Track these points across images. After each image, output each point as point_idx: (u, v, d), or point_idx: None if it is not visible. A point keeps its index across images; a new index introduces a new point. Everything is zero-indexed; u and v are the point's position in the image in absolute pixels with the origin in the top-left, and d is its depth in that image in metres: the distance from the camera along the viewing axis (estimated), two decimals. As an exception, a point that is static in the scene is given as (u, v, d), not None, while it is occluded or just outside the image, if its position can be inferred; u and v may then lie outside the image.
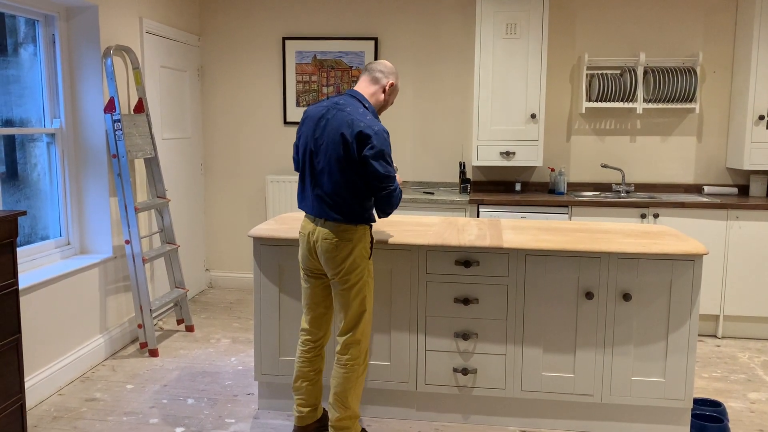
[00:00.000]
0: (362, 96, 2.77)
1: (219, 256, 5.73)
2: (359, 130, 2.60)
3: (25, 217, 3.66)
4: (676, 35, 4.96)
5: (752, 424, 3.28)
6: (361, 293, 2.78)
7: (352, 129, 2.61)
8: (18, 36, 3.75)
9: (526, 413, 3.20)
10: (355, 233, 2.73)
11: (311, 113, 2.78)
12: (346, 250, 2.72)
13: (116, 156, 3.97)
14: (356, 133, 2.60)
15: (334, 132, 2.65)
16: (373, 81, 2.80)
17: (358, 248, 2.73)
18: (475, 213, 4.66)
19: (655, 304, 3.03)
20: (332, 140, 2.65)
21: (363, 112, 2.68)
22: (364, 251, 2.76)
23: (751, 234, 4.42)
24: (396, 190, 2.70)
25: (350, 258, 2.72)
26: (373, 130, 2.60)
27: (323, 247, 2.73)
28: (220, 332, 4.56)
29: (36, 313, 3.41)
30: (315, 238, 2.76)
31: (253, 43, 5.44)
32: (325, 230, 2.73)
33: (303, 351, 2.96)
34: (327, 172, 2.68)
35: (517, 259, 3.08)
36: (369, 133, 2.59)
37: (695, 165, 5.06)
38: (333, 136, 2.65)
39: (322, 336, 2.97)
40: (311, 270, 2.86)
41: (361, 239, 2.75)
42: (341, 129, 2.63)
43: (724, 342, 4.48)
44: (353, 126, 2.61)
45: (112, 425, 3.18)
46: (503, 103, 4.77)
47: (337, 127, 2.64)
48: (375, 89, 2.79)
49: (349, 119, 2.63)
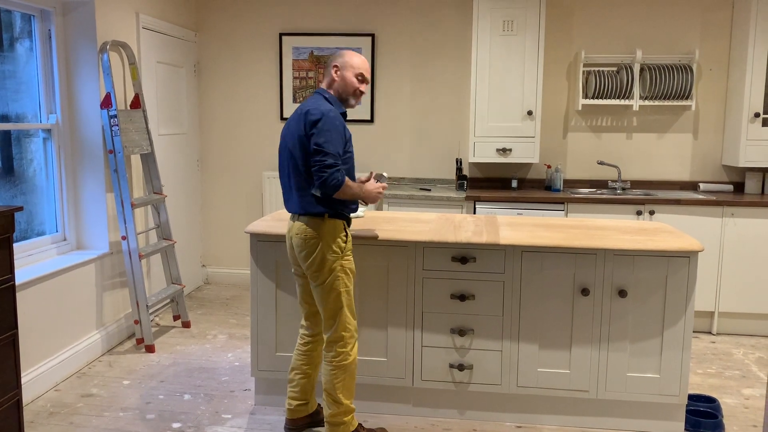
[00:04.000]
0: (323, 90, 2.87)
1: (215, 252, 5.72)
2: (305, 111, 2.71)
3: (21, 213, 3.65)
4: (673, 32, 4.97)
5: (746, 420, 3.30)
6: (334, 290, 2.78)
7: (303, 116, 2.72)
8: (14, 31, 3.74)
9: (522, 409, 3.22)
10: (323, 228, 2.74)
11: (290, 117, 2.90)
12: (314, 245, 2.74)
13: (113, 152, 3.97)
14: (303, 115, 2.71)
15: (293, 126, 2.76)
16: (326, 74, 2.89)
17: (326, 243, 2.74)
18: (472, 209, 4.67)
19: (651, 300, 3.05)
20: (291, 134, 2.76)
21: (321, 102, 2.76)
22: (336, 246, 2.76)
23: (747, 231, 4.44)
24: (330, 168, 2.60)
25: (318, 253, 2.74)
26: (319, 111, 2.69)
27: (295, 242, 2.79)
28: (216, 328, 4.56)
29: (32, 309, 3.41)
30: (291, 235, 2.82)
31: (250, 38, 5.43)
32: (297, 225, 2.78)
33: (300, 344, 3.02)
34: (291, 167, 2.77)
35: (513, 256, 3.09)
36: (314, 113, 2.68)
37: (691, 162, 5.08)
38: (292, 130, 2.76)
39: (317, 332, 2.99)
40: (296, 268, 2.91)
41: (330, 233, 2.75)
42: (297, 121, 2.74)
43: (719, 338, 4.51)
44: (304, 113, 2.72)
45: (109, 421, 3.18)
46: (500, 100, 4.77)
47: (296, 120, 2.75)
48: (328, 80, 2.87)
49: (304, 110, 2.74)
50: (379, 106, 5.35)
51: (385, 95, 5.33)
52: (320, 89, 2.87)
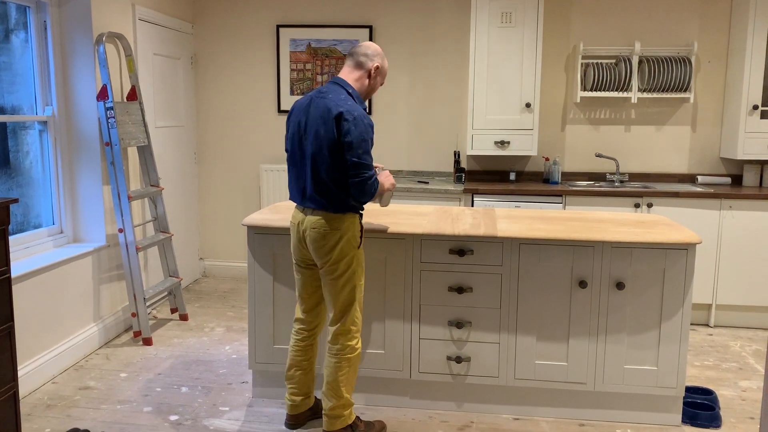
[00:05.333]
0: (346, 83, 2.75)
1: (213, 245, 5.71)
2: (337, 114, 2.60)
3: (17, 206, 3.64)
4: (672, 24, 4.95)
5: (743, 411, 3.31)
6: (350, 283, 2.78)
7: (331, 114, 2.62)
8: (9, 22, 3.72)
9: (520, 401, 3.22)
10: (343, 222, 2.72)
11: (297, 104, 2.81)
12: (334, 239, 2.71)
13: (109, 144, 3.95)
14: (334, 118, 2.61)
15: (316, 120, 2.67)
16: (357, 66, 2.78)
17: (346, 237, 2.73)
18: (470, 202, 4.66)
19: (649, 292, 3.05)
20: (315, 128, 2.67)
21: (345, 98, 2.68)
22: (353, 240, 2.76)
23: (744, 223, 4.44)
24: (370, 179, 2.65)
25: (338, 247, 2.72)
26: (352, 116, 2.60)
27: (311, 236, 2.73)
28: (214, 321, 4.56)
29: (29, 302, 3.40)
30: (304, 228, 2.76)
31: (247, 30, 5.40)
32: (313, 219, 2.73)
33: (297, 340, 2.98)
34: (311, 160, 2.69)
35: (511, 248, 3.09)
36: (348, 118, 2.60)
37: (689, 155, 5.07)
38: (315, 124, 2.67)
39: (316, 325, 2.98)
40: (302, 260, 2.86)
41: (350, 228, 2.74)
42: (323, 116, 2.64)
43: (716, 331, 4.51)
44: (332, 111, 2.62)
45: (106, 413, 3.18)
46: (498, 93, 4.76)
47: (320, 115, 2.65)
48: (359, 74, 2.77)
49: (330, 105, 2.64)
50: (376, 98, 5.33)
51: (383, 88, 5.31)
52: (341, 80, 2.76)
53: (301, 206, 2.80)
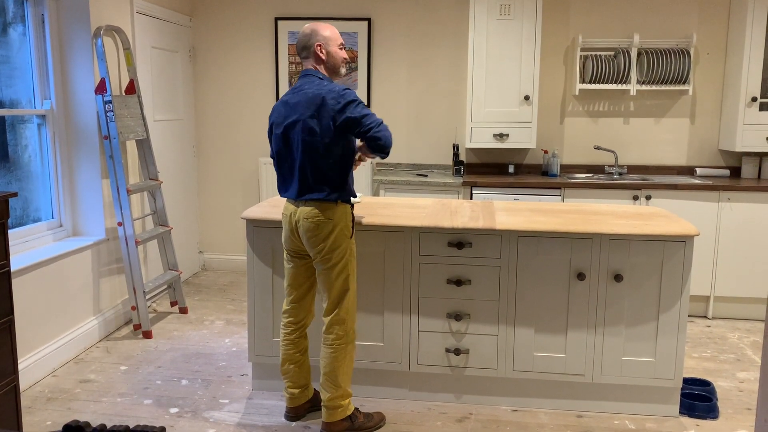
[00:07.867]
0: (312, 71, 2.82)
1: (212, 239, 5.72)
2: (321, 98, 2.68)
3: (16, 199, 3.64)
4: (670, 17, 4.94)
5: (741, 402, 3.32)
6: (343, 272, 2.81)
7: (316, 100, 2.69)
8: (6, 16, 3.71)
9: (518, 393, 3.23)
10: (335, 212, 2.75)
11: (279, 103, 2.86)
12: (327, 229, 2.74)
13: (108, 137, 3.95)
14: (320, 102, 2.68)
15: (302, 111, 2.72)
16: (307, 57, 2.84)
17: (339, 227, 2.76)
18: (469, 195, 4.66)
19: (647, 284, 3.05)
20: (303, 119, 2.72)
21: (319, 83, 2.76)
22: (346, 230, 2.79)
23: (743, 215, 4.45)
24: (381, 124, 2.69)
25: (331, 237, 2.75)
26: (335, 92, 2.69)
27: (304, 226, 2.76)
28: (213, 314, 4.57)
29: (29, 296, 3.41)
30: (296, 218, 2.79)
31: (246, 23, 5.39)
32: (306, 209, 2.76)
33: (286, 333, 2.99)
34: (302, 152, 2.73)
35: (509, 241, 3.09)
36: (332, 96, 2.69)
37: (688, 147, 5.07)
38: (303, 115, 2.72)
39: (304, 317, 2.99)
40: (294, 251, 2.89)
41: (342, 218, 2.77)
42: (308, 104, 2.71)
43: (714, 322, 4.53)
44: (317, 97, 2.70)
45: (107, 406, 3.19)
46: (497, 85, 4.75)
47: (305, 105, 2.72)
48: (314, 60, 2.83)
49: (312, 93, 2.71)
50: (375, 91, 5.32)
51: (382, 80, 5.31)
52: (309, 70, 2.82)
53: (292, 199, 2.83)
